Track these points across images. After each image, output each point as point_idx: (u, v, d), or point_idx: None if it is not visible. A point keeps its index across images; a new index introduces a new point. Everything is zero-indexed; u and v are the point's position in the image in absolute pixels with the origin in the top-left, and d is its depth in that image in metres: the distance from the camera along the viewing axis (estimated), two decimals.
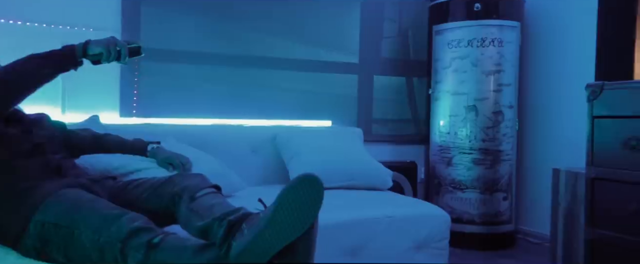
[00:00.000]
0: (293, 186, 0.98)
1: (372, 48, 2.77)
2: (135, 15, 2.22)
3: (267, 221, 0.97)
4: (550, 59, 2.48)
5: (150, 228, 1.02)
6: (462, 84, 2.41)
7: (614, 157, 1.62)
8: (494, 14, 2.36)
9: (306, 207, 1.00)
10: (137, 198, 1.22)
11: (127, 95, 2.19)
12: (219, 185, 1.25)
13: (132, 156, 1.49)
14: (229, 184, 1.75)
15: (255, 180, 2.12)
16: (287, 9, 2.56)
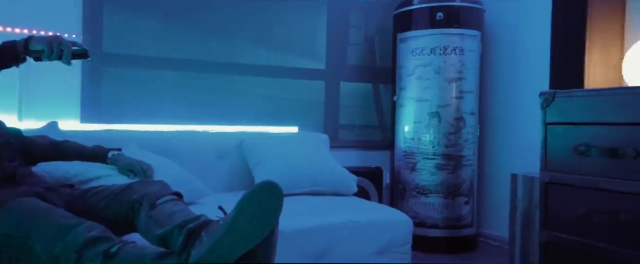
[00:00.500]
0: (252, 193, 1.00)
1: (338, 55, 2.81)
2: (97, 20, 2.19)
3: (227, 228, 0.98)
4: (508, 68, 2.58)
5: (107, 237, 1.02)
6: (425, 91, 2.48)
7: (565, 162, 1.70)
8: (455, 23, 2.44)
9: (266, 213, 1.01)
10: (95, 206, 1.20)
11: (88, 101, 2.16)
12: (180, 192, 1.25)
13: (92, 163, 1.47)
14: (193, 191, 1.74)
15: (220, 187, 2.11)
16: (254, 15, 2.58)
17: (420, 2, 2.49)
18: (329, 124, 2.80)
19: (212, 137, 2.22)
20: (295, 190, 2.05)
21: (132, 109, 2.28)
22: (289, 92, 2.71)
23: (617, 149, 1.54)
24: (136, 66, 2.32)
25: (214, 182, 2.06)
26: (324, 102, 2.79)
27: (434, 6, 2.45)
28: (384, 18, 2.84)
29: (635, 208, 1.48)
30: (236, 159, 2.18)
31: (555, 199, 1.74)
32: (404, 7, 2.55)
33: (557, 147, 1.74)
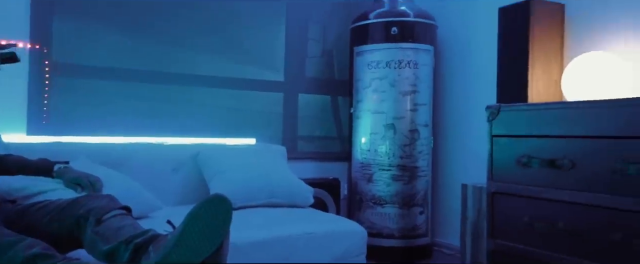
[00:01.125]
0: (200, 206, 1.01)
1: (297, 67, 2.85)
2: (46, 27, 2.15)
3: (174, 242, 0.99)
4: (460, 81, 2.68)
5: (49, 255, 1.00)
6: (381, 104, 2.54)
7: (509, 173, 1.79)
8: (409, 38, 2.52)
9: (214, 227, 1.02)
10: (39, 221, 1.18)
11: (35, 112, 2.10)
12: (129, 206, 1.24)
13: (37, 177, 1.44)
14: (144, 205, 1.72)
15: (175, 200, 2.10)
16: (212, 26, 2.58)
17: (376, 17, 2.57)
18: (288, 136, 2.82)
19: (167, 149, 2.21)
20: (251, 202, 2.06)
21: (83, 120, 2.23)
22: (247, 104, 2.73)
23: (555, 160, 1.63)
24: (88, 76, 2.27)
25: (167, 195, 2.04)
26: (283, 114, 2.82)
27: (389, 21, 2.53)
28: (342, 32, 2.90)
29: (571, 216, 1.58)
30: (191, 171, 2.17)
31: (501, 209, 1.83)
32: (360, 22, 2.62)
33: (502, 159, 1.83)
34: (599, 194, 1.49)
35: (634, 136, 1.42)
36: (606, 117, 1.50)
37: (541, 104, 1.73)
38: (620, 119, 1.45)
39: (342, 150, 2.96)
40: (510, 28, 2.10)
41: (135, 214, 1.23)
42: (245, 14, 2.68)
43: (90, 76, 2.28)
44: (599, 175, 1.50)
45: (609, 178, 1.47)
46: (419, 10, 2.58)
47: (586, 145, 1.55)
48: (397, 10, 2.56)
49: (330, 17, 2.93)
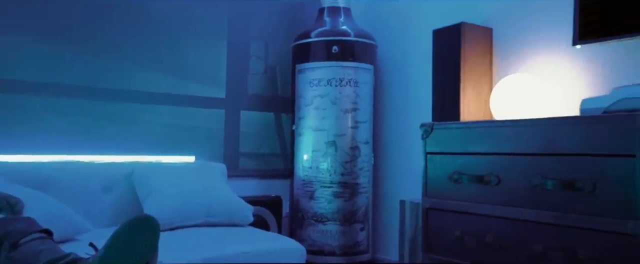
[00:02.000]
0: (124, 227, 0.99)
1: (239, 83, 2.85)
2: None
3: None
4: (399, 100, 2.78)
5: None
6: (322, 121, 2.59)
7: (442, 189, 1.87)
8: (350, 56, 2.60)
9: (138, 248, 1.01)
10: None
11: None
12: (50, 230, 1.19)
13: None
14: (71, 227, 1.66)
15: (106, 221, 2.02)
16: (151, 39, 2.54)
17: (318, 36, 2.62)
18: (229, 153, 2.80)
19: (98, 168, 2.13)
20: (188, 222, 2.02)
21: (5, 138, 2.12)
22: (187, 120, 2.69)
23: (483, 176, 1.73)
24: (10, 91, 2.17)
25: (98, 216, 1.97)
26: (224, 130, 2.80)
27: (330, 40, 2.59)
28: (285, 49, 2.94)
29: (498, 230, 1.67)
30: (124, 191, 2.11)
31: (435, 224, 1.90)
32: (302, 40, 2.67)
33: (436, 175, 1.91)
34: (521, 208, 1.59)
35: (551, 153, 1.53)
36: (528, 136, 1.61)
37: (470, 123, 1.83)
38: (540, 137, 1.57)
39: (285, 167, 2.97)
40: (444, 50, 2.21)
41: (61, 236, 1.19)
42: (186, 28, 2.67)
43: (13, 91, 2.17)
44: (521, 190, 1.60)
45: (530, 193, 1.57)
46: (359, 30, 2.66)
47: (510, 162, 1.65)
48: (338, 30, 2.64)
49: (273, 34, 2.97)
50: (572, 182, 1.45)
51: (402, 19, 2.76)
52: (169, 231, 1.93)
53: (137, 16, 2.51)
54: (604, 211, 1.37)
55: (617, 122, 1.34)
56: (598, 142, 1.40)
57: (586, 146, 1.43)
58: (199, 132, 2.73)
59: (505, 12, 2.20)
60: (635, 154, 1.30)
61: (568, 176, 1.47)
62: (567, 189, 1.47)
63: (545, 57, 2.03)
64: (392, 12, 2.83)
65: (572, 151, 1.47)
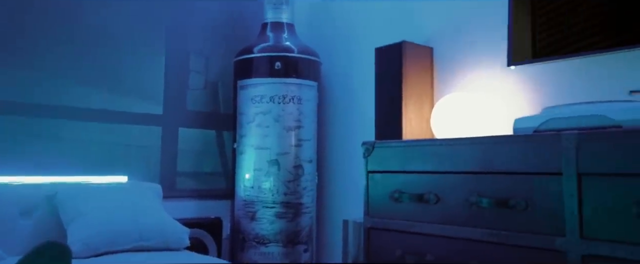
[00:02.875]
0: (29, 256, 0.93)
1: (177, 100, 2.79)
2: None
3: None
4: (343, 118, 2.81)
5: None
6: (265, 139, 2.57)
7: (383, 208, 1.89)
8: (293, 73, 2.61)
9: None
10: None
11: None
12: None
13: None
14: None
15: (23, 248, 1.90)
16: (81, 51, 2.44)
17: (260, 51, 2.62)
18: (165, 173, 2.72)
19: (15, 190, 2.00)
20: (117, 247, 1.93)
21: None
22: (120, 138, 2.59)
23: (423, 195, 1.77)
24: None
25: (14, 243, 1.85)
26: (161, 149, 2.72)
27: (273, 56, 2.59)
28: (226, 64, 2.91)
29: (437, 248, 1.70)
30: (46, 215, 1.99)
31: (376, 244, 1.92)
32: (244, 55, 2.66)
33: (377, 194, 1.93)
34: (459, 226, 1.63)
35: (487, 172, 1.59)
36: (466, 154, 1.66)
37: (411, 141, 1.87)
38: (477, 156, 1.62)
39: (226, 187, 2.92)
40: (386, 68, 2.26)
41: None
42: (121, 40, 2.59)
43: None
44: (459, 208, 1.65)
45: (467, 211, 1.62)
46: (303, 46, 2.69)
47: (449, 180, 1.70)
48: (281, 46, 2.65)
49: (215, 48, 2.94)
50: (507, 200, 1.51)
51: (346, 37, 2.81)
52: (94, 257, 1.83)
53: (66, 25, 2.41)
54: (536, 229, 1.43)
55: (545, 141, 1.41)
56: (530, 160, 1.47)
57: (519, 165, 1.50)
58: (133, 151, 2.63)
59: (445, 32, 2.29)
60: (562, 173, 1.37)
61: (503, 194, 1.53)
62: (502, 207, 1.52)
63: (482, 76, 2.13)
64: (336, 30, 2.88)
65: (507, 169, 1.53)
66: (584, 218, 1.33)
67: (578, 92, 1.81)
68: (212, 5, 2.92)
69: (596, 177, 1.30)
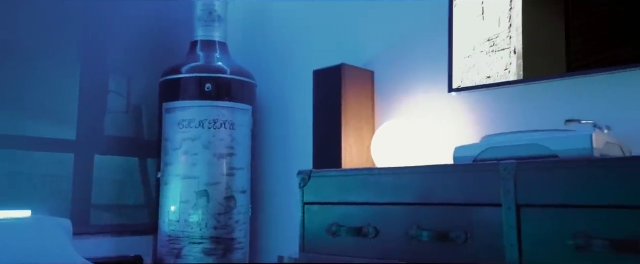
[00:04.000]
0: None
1: (93, 124, 2.67)
2: None
3: None
4: (280, 145, 2.80)
5: None
6: (193, 168, 2.50)
7: (321, 243, 1.88)
8: (226, 96, 2.57)
9: None
10: None
11: None
12: None
13: None
14: None
15: None
16: None
17: (189, 72, 2.58)
18: (78, 206, 2.58)
19: None
20: None
21: None
22: (24, 166, 2.44)
23: (361, 228, 1.77)
24: None
25: None
26: (72, 179, 2.58)
27: (203, 77, 2.55)
28: (151, 85, 2.84)
29: None
30: None
31: None
32: (171, 75, 2.60)
33: (314, 228, 1.91)
34: (399, 262, 1.65)
35: (428, 203, 1.62)
36: (406, 185, 1.69)
37: (350, 170, 1.88)
38: (418, 187, 1.65)
39: (149, 221, 2.81)
40: (325, 92, 2.28)
41: None
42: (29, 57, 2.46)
43: None
44: (399, 242, 1.66)
45: (407, 245, 1.64)
46: (237, 67, 2.67)
47: (389, 212, 1.72)
48: (213, 66, 2.61)
49: (138, 67, 2.86)
50: (447, 233, 1.54)
51: (283, 58, 2.83)
52: None
53: None
54: (477, 262, 1.47)
55: (484, 171, 1.46)
56: (470, 191, 1.51)
57: (459, 196, 1.54)
58: (39, 181, 2.48)
59: (386, 56, 2.35)
60: (502, 204, 1.42)
61: (443, 226, 1.56)
62: (442, 240, 1.55)
63: (424, 103, 2.19)
64: (273, 50, 2.89)
65: (447, 200, 1.57)
66: (523, 251, 1.38)
67: (519, 119, 1.91)
68: (135, 20, 2.85)
69: (534, 209, 1.36)
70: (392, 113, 2.29)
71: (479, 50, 1.61)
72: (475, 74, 1.64)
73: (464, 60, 1.63)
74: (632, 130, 1.64)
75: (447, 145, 2.08)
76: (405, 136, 2.05)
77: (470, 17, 1.59)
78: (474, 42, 1.59)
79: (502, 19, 1.50)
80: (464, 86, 1.95)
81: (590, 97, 1.74)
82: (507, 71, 1.55)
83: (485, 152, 1.56)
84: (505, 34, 1.52)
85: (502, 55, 1.55)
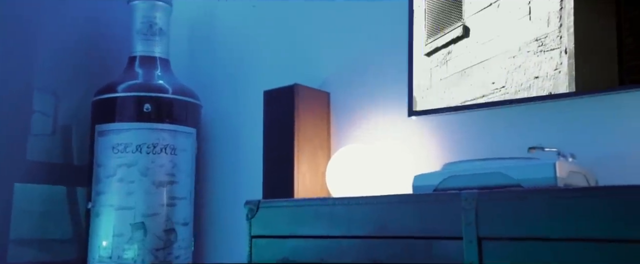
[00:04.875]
0: None
1: (13, 147, 2.57)
2: None
3: None
4: (228, 172, 2.76)
5: None
6: (128, 197, 2.43)
7: None
8: (167, 117, 2.53)
9: None
10: None
11: None
12: None
13: None
14: None
15: None
16: None
17: (126, 90, 2.52)
18: None
19: None
20: None
21: None
22: None
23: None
24: None
25: None
26: None
27: (141, 96, 2.50)
28: (83, 105, 2.76)
29: None
30: None
31: None
32: (105, 94, 2.54)
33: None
34: None
35: (385, 236, 1.62)
36: (362, 216, 1.68)
37: (301, 200, 1.86)
38: (375, 218, 1.65)
39: (77, 257, 2.70)
40: (276, 115, 2.27)
41: None
42: None
43: None
44: None
45: None
46: (180, 86, 2.63)
47: (343, 245, 1.70)
48: (153, 84, 2.57)
49: (67, 85, 2.78)
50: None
51: (232, 77, 2.81)
52: None
53: None
54: None
55: (444, 201, 1.47)
56: (429, 223, 1.51)
57: (418, 228, 1.54)
58: None
59: (344, 76, 2.37)
60: (462, 237, 1.43)
61: (401, 260, 1.56)
62: None
63: (383, 127, 2.21)
64: (220, 68, 2.87)
65: (406, 233, 1.57)
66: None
67: (482, 146, 1.95)
68: (65, 32, 2.78)
69: (496, 242, 1.37)
70: (349, 137, 2.30)
71: (525, 51, 1.65)
72: (521, 74, 1.66)
73: (508, 60, 1.67)
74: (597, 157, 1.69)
75: (407, 172, 2.10)
76: (362, 162, 2.05)
77: (516, 18, 1.65)
78: (520, 42, 1.65)
79: (551, 18, 1.56)
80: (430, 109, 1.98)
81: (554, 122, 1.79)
82: (557, 71, 1.59)
83: (446, 181, 1.58)
84: (555, 34, 1.57)
85: (551, 55, 1.59)
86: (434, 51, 1.94)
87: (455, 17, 1.85)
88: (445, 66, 1.90)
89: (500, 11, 1.66)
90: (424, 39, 1.96)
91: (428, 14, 1.94)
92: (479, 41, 1.75)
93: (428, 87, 1.95)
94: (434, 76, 1.93)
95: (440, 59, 1.90)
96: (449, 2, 1.87)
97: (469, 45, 1.83)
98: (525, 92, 1.64)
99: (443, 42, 1.90)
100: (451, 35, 1.87)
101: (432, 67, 1.94)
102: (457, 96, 1.86)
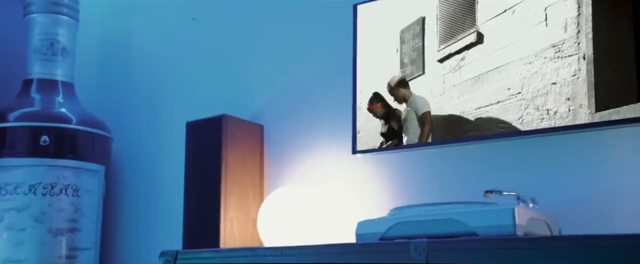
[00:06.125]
0: None
1: None
2: None
3: None
4: (143, 217, 2.69)
5: None
6: (18, 248, 2.35)
7: None
8: (70, 152, 2.47)
9: None
10: None
11: None
12: None
13: None
14: None
15: None
16: None
17: (18, 119, 2.45)
18: None
19: None
20: None
21: None
22: None
23: None
24: None
25: None
26: None
27: (38, 126, 2.43)
28: None
29: None
30: None
31: None
32: None
33: None
34: None
35: None
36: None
37: (227, 251, 1.83)
38: None
39: None
40: (200, 150, 2.23)
41: None
42: None
43: None
44: None
45: None
46: (86, 116, 2.58)
47: None
48: (52, 113, 2.51)
49: None
50: None
51: (150, 106, 2.77)
52: None
53: None
54: None
55: (392, 252, 1.46)
56: None
57: None
58: None
59: (278, 107, 2.35)
60: None
61: None
62: None
63: (324, 165, 2.20)
64: (137, 95, 2.82)
65: None
66: None
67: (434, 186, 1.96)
68: None
69: None
70: (285, 177, 2.28)
71: (541, 57, 1.74)
72: (538, 80, 1.73)
73: (524, 66, 1.75)
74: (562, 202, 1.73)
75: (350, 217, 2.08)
76: (300, 206, 2.03)
77: (532, 24, 1.75)
78: (536, 48, 1.74)
79: (568, 24, 1.66)
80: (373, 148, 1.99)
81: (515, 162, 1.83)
82: (575, 77, 1.67)
83: (394, 228, 1.57)
84: (573, 40, 1.67)
85: (569, 61, 1.68)
86: (446, 58, 1.99)
87: (469, 23, 1.92)
88: (459, 73, 1.95)
89: (515, 17, 1.77)
90: (436, 46, 2.01)
91: (440, 21, 2.00)
92: (493, 47, 1.84)
93: (441, 93, 1.98)
94: (447, 82, 1.97)
95: (453, 66, 1.95)
96: (462, 8, 1.94)
97: (484, 52, 1.90)
98: (542, 99, 1.71)
99: (456, 48, 1.96)
100: (465, 41, 1.94)
101: (444, 74, 1.98)
102: (471, 101, 1.89)
